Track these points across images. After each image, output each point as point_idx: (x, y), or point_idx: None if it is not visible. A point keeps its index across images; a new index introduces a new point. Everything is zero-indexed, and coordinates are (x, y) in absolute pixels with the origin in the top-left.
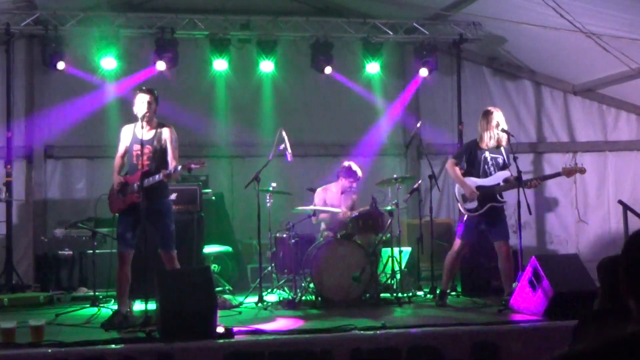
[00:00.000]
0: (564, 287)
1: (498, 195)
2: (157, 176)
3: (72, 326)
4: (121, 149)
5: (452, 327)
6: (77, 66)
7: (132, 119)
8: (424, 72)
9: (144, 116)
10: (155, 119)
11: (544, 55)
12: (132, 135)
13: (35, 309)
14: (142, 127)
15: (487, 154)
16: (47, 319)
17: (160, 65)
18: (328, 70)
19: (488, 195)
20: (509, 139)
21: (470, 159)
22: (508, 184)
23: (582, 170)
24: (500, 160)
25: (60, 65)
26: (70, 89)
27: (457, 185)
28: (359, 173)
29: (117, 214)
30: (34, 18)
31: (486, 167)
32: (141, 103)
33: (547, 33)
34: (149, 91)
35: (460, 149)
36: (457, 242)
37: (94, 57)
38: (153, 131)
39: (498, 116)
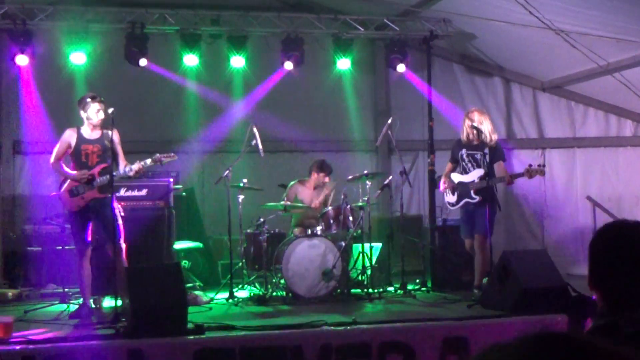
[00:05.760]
0: (532, 283)
1: (472, 192)
2: (122, 171)
3: (42, 322)
4: (62, 151)
5: (423, 322)
6: (46, 61)
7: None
8: (401, 67)
9: (97, 120)
10: None
11: (513, 52)
12: (77, 137)
13: (4, 305)
14: (91, 130)
15: (464, 151)
16: (15, 316)
17: (142, 62)
18: (289, 65)
19: (464, 191)
20: (479, 135)
21: (454, 156)
22: (480, 182)
23: (542, 172)
24: (479, 157)
25: (25, 60)
26: (39, 84)
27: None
28: (331, 168)
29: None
30: (1, 12)
31: (464, 164)
32: (96, 111)
33: (516, 30)
34: (102, 101)
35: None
36: (466, 242)
37: (63, 52)
38: (99, 131)
39: (473, 116)
